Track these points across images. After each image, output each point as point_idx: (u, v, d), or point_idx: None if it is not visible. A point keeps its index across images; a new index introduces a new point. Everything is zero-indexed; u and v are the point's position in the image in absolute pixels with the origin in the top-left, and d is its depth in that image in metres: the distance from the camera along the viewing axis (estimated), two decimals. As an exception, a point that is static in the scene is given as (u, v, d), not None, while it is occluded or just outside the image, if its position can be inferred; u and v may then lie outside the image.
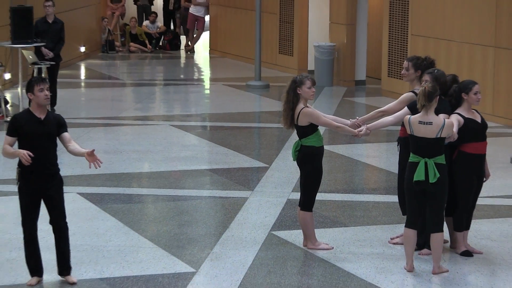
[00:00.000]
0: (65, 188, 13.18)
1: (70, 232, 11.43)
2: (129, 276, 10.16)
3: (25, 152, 9.36)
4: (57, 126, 9.57)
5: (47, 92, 9.53)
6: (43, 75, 18.81)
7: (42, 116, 9.57)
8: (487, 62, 18.79)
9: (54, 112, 9.92)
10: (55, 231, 9.73)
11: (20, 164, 9.56)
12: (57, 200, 9.70)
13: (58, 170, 9.77)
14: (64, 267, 9.76)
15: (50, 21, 19.12)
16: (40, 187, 9.62)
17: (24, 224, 9.72)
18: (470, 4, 19.17)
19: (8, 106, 18.97)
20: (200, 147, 16.87)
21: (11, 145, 9.56)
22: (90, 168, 9.61)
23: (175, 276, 10.17)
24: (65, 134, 9.56)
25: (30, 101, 9.75)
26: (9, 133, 9.59)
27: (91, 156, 9.38)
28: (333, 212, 12.65)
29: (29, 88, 9.61)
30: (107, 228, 11.82)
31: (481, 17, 18.93)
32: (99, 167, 9.50)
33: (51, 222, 9.74)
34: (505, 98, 18.43)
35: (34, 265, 9.76)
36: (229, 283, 9.94)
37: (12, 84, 20.96)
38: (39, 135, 9.51)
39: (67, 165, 14.46)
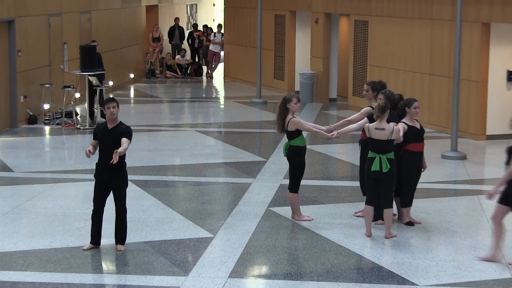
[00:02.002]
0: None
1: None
2: (165, 239, 10.18)
3: (87, 149, 9.49)
4: (120, 134, 9.53)
5: (112, 110, 9.51)
6: (103, 95, 18.92)
7: (111, 126, 9.57)
8: (424, 85, 18.79)
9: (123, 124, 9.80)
10: (116, 212, 9.72)
11: (98, 159, 9.66)
12: (119, 191, 9.66)
13: (124, 166, 9.66)
14: (119, 238, 9.74)
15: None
16: (106, 179, 9.60)
17: (94, 201, 9.75)
18: (411, 43, 19.18)
19: (78, 117, 19.01)
20: (217, 147, 16.88)
21: (93, 146, 9.60)
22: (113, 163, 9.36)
23: (198, 240, 10.18)
24: (122, 139, 9.49)
25: None
26: (93, 137, 9.72)
27: (114, 154, 9.30)
28: (313, 193, 12.64)
29: (103, 106, 9.72)
30: (149, 205, 11.83)
31: (420, 53, 18.93)
32: (114, 162, 9.27)
33: (115, 205, 9.72)
34: (437, 111, 18.43)
35: (94, 234, 9.76)
36: (238, 245, 9.95)
37: (80, 101, 20.97)
38: (106, 140, 9.54)
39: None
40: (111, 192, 9.72)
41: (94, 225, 9.76)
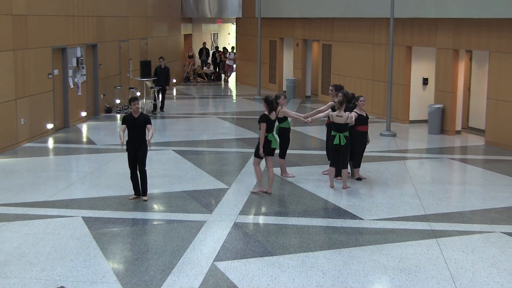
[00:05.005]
0: (165, 147, 13.19)
1: (166, 169, 11.37)
2: (196, 189, 10.09)
3: (121, 139, 9.15)
4: (144, 121, 9.28)
5: (137, 105, 9.21)
6: (156, 94, 18.77)
7: (136, 116, 9.31)
8: (368, 87, 18.65)
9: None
10: (139, 173, 9.44)
11: (128, 139, 9.38)
12: (141, 159, 9.35)
13: (144, 142, 9.33)
14: (143, 191, 9.49)
15: (162, 67, 19.00)
16: (133, 152, 9.34)
17: (129, 167, 9.47)
18: (360, 59, 19.01)
19: (139, 108, 18.89)
20: (231, 128, 16.73)
21: (123, 130, 9.29)
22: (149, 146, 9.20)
23: (218, 190, 10.10)
24: (148, 126, 9.25)
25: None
26: (122, 123, 9.37)
27: (148, 142, 9.14)
28: (295, 159, 12.54)
29: (129, 103, 9.36)
30: (186, 167, 11.72)
31: (365, 65, 18.78)
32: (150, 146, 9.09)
33: (138, 169, 9.43)
34: (377, 104, 18.30)
35: (135, 189, 9.55)
36: (245, 193, 9.88)
37: (140, 97, 20.81)
38: (133, 126, 9.26)
39: (168, 136, 14.39)
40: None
41: (133, 183, 9.54)
